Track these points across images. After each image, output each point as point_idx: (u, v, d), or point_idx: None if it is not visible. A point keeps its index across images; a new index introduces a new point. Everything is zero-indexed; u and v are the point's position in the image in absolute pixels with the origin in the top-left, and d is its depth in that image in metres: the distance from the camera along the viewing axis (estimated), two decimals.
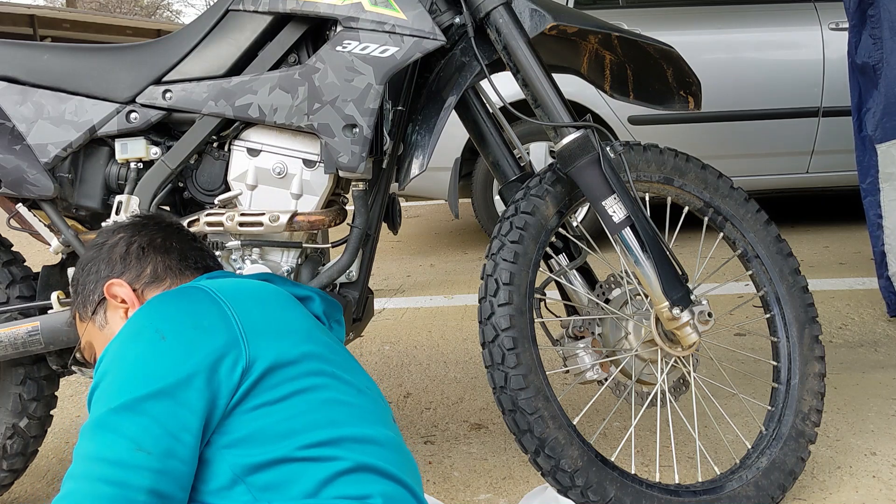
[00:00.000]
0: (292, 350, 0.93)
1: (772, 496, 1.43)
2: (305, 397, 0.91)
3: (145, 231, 1.11)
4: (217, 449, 0.88)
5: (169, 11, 24.08)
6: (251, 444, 0.87)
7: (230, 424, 0.88)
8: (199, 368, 0.87)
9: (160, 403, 0.85)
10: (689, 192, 1.53)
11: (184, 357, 0.88)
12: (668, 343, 1.42)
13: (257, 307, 0.96)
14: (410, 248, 4.51)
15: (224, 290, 0.96)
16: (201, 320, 0.91)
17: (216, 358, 0.88)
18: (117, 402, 0.86)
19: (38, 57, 1.45)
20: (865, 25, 2.28)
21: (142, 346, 0.90)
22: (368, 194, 1.44)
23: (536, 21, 1.40)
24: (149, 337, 0.90)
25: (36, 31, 11.71)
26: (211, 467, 0.88)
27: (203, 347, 0.89)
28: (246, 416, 0.88)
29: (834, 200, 5.00)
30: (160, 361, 0.88)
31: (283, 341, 0.94)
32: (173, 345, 0.89)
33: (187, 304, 0.94)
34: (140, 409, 0.85)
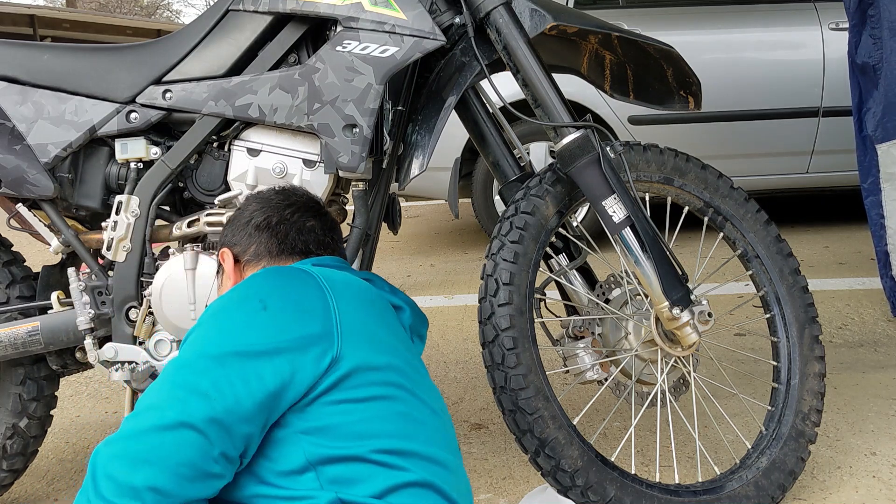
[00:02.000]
0: (378, 357, 0.97)
1: (772, 496, 1.43)
2: (384, 405, 0.95)
3: (268, 208, 1.16)
4: (294, 433, 0.91)
5: (169, 11, 24.07)
6: (330, 435, 0.91)
7: (312, 412, 0.91)
8: (286, 347, 0.91)
9: (239, 364, 0.90)
10: (689, 192, 1.53)
11: (276, 332, 0.92)
12: (668, 343, 1.42)
13: (358, 307, 1.01)
14: (410, 248, 4.51)
15: (332, 282, 1.01)
16: (304, 303, 0.96)
17: (307, 343, 0.92)
18: (205, 350, 0.92)
19: (38, 57, 1.45)
20: (865, 25, 2.28)
21: (243, 311, 0.96)
22: (368, 194, 1.44)
23: (536, 21, 1.40)
24: (252, 305, 0.95)
25: (36, 31, 11.71)
26: (284, 449, 0.91)
27: (297, 329, 0.93)
28: (328, 407, 0.91)
29: (834, 200, 5.00)
30: (254, 329, 0.93)
31: (372, 347, 0.98)
32: (271, 318, 0.94)
33: (296, 285, 0.98)
34: (221, 362, 0.90)
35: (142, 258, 1.43)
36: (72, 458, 1.92)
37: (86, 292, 1.46)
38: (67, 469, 1.86)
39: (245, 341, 0.92)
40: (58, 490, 1.76)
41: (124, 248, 1.43)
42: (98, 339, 1.45)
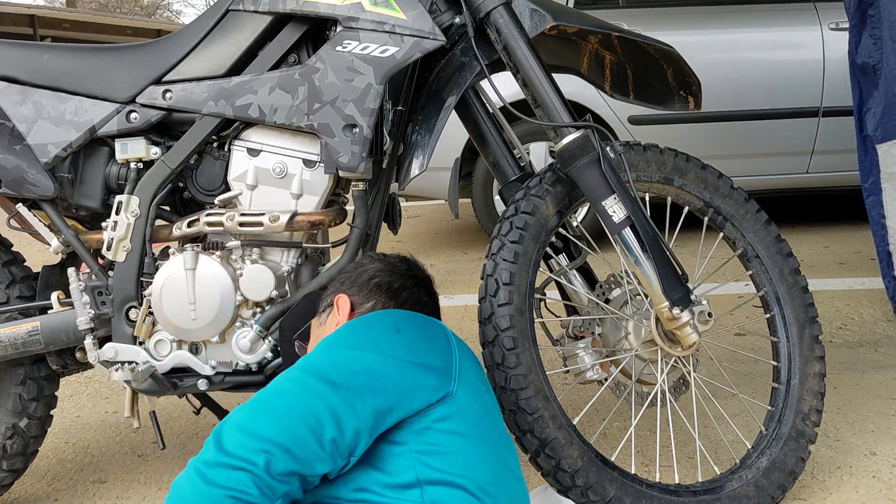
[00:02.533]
0: (477, 403, 1.09)
1: (772, 496, 1.43)
2: (480, 445, 1.06)
3: (393, 273, 1.27)
4: (410, 451, 1.00)
5: (169, 11, 24.08)
6: (441, 461, 1.00)
7: (429, 436, 1.02)
8: (410, 364, 1.03)
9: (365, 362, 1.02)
10: (689, 192, 1.53)
11: (404, 350, 1.04)
12: (668, 343, 1.42)
13: (465, 356, 1.14)
14: (410, 248, 4.51)
15: (450, 332, 1.16)
16: (431, 339, 1.09)
17: (428, 370, 1.04)
18: (336, 348, 1.04)
19: (38, 57, 1.45)
20: (866, 25, 2.28)
21: (379, 326, 1.08)
22: (368, 194, 1.44)
23: (536, 21, 1.40)
24: (388, 325, 1.09)
25: (36, 31, 11.71)
26: (397, 464, 1.00)
27: (423, 356, 1.05)
28: (443, 436, 1.02)
29: (834, 200, 5.00)
30: (386, 342, 1.05)
31: (473, 392, 1.10)
32: (403, 339, 1.06)
33: (426, 324, 1.13)
34: (351, 357, 1.02)
35: (142, 258, 1.43)
36: (72, 458, 1.92)
37: (86, 292, 1.46)
38: (67, 469, 1.86)
39: (375, 347, 1.03)
40: (58, 490, 1.76)
41: (124, 248, 1.43)
42: (98, 339, 1.45)
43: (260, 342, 1.40)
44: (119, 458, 1.90)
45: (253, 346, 1.40)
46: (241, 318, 1.42)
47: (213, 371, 1.44)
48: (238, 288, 1.40)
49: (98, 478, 1.80)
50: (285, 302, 1.40)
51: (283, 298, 1.41)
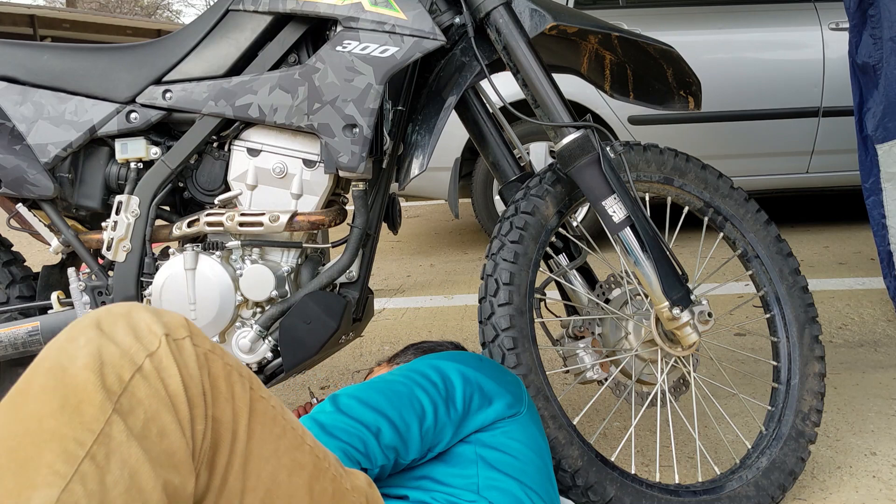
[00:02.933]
0: (535, 428, 1.20)
1: (772, 496, 1.43)
2: (533, 454, 1.15)
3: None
4: (474, 446, 1.11)
5: (169, 11, 24.08)
6: (499, 455, 1.10)
7: (493, 437, 1.12)
8: (495, 385, 1.15)
9: (458, 373, 1.14)
10: (689, 192, 1.53)
11: (491, 372, 1.17)
12: (668, 343, 1.42)
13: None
14: (410, 248, 4.51)
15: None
16: (507, 373, 1.23)
17: (505, 394, 1.15)
18: (436, 363, 1.16)
19: (38, 57, 1.45)
20: (866, 25, 2.28)
21: (469, 355, 1.21)
22: (368, 194, 1.44)
23: (536, 21, 1.40)
24: (474, 355, 1.22)
25: (36, 31, 11.72)
26: (460, 457, 1.10)
27: (503, 382, 1.17)
28: (505, 439, 1.12)
29: (834, 200, 5.01)
30: (473, 365, 1.17)
31: (534, 420, 1.21)
32: (489, 365, 1.20)
33: (498, 364, 1.25)
34: (449, 368, 1.15)
35: (142, 258, 1.43)
36: None
37: (86, 292, 1.46)
38: None
39: (467, 364, 1.16)
40: None
41: (124, 248, 1.43)
42: None
43: (260, 342, 1.40)
44: None
45: (253, 346, 1.40)
46: (241, 318, 1.42)
47: None
48: (238, 288, 1.40)
49: None
50: (285, 302, 1.40)
51: (283, 298, 1.41)
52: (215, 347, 0.78)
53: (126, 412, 0.67)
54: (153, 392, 0.69)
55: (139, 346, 0.70)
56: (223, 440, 0.75)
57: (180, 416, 0.70)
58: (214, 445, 0.74)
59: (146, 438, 0.67)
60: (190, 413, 0.71)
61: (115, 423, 0.66)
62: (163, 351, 0.72)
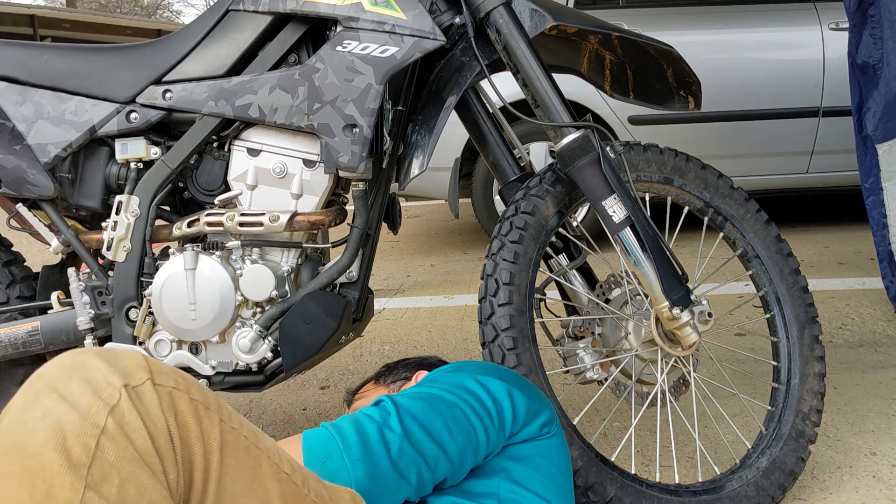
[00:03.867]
0: (562, 447, 1.20)
1: (772, 496, 1.43)
2: (558, 473, 1.16)
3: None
4: (499, 459, 1.12)
5: (169, 11, 24.09)
6: (522, 468, 1.11)
7: (518, 449, 1.13)
8: (534, 403, 1.15)
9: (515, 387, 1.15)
10: (689, 192, 1.53)
11: (529, 393, 1.16)
12: (668, 343, 1.42)
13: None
14: (410, 248, 4.51)
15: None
16: (538, 391, 1.21)
17: (539, 413, 1.15)
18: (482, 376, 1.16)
19: (38, 57, 1.45)
20: (866, 25, 2.28)
21: (502, 368, 1.21)
22: (368, 194, 1.44)
23: (536, 21, 1.40)
24: (511, 371, 1.21)
25: (36, 31, 11.73)
26: (484, 470, 1.11)
27: (541, 401, 1.17)
28: (531, 453, 1.12)
29: (834, 200, 5.01)
30: (516, 382, 1.17)
31: (563, 438, 1.21)
32: (527, 385, 1.18)
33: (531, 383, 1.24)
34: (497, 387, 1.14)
35: (142, 258, 1.43)
36: None
37: (86, 292, 1.46)
38: None
39: (510, 384, 1.14)
40: None
41: (124, 248, 1.43)
42: (98, 339, 1.45)
43: (260, 342, 1.40)
44: None
45: (253, 346, 1.40)
46: (241, 318, 1.42)
47: (213, 371, 1.44)
48: (238, 288, 1.40)
49: None
50: (285, 302, 1.40)
51: (283, 298, 1.41)
52: (179, 381, 0.76)
53: (99, 483, 0.65)
54: (122, 452, 0.67)
55: (99, 404, 0.68)
56: (196, 480, 0.73)
57: (153, 469, 0.69)
58: (188, 487, 0.73)
59: (126, 501, 0.66)
60: (161, 464, 0.70)
61: (91, 500, 0.64)
62: (124, 404, 0.69)
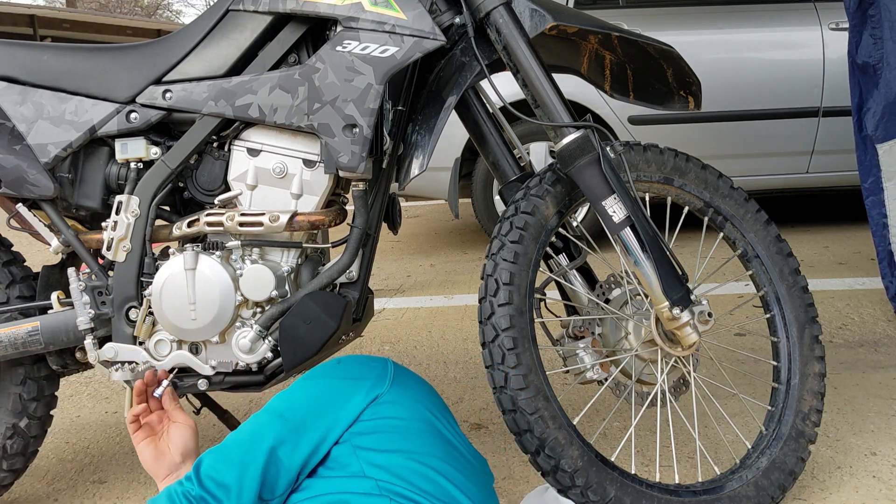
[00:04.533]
0: (409, 405, 1.23)
1: (772, 496, 1.43)
2: (408, 422, 1.18)
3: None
4: (350, 440, 1.15)
5: (169, 11, 24.10)
6: (374, 438, 1.14)
7: (363, 426, 1.17)
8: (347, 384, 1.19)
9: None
10: (689, 192, 1.53)
11: (348, 370, 1.21)
12: (668, 343, 1.42)
13: (409, 375, 1.30)
14: (410, 248, 4.51)
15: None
16: (369, 361, 1.25)
17: (364, 384, 1.18)
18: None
19: (38, 57, 1.45)
20: (866, 25, 2.28)
21: (327, 365, 1.26)
22: (368, 194, 1.44)
23: (536, 21, 1.40)
24: (332, 363, 1.26)
25: (36, 31, 11.73)
26: (341, 457, 1.15)
27: (359, 372, 1.21)
28: (375, 421, 1.16)
29: (834, 200, 5.01)
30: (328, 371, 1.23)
31: (408, 396, 1.24)
32: (349, 361, 1.25)
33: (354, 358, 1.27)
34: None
35: (142, 258, 1.43)
36: (72, 458, 1.92)
37: (86, 292, 1.46)
38: (67, 469, 1.86)
39: (310, 376, 1.19)
40: (58, 490, 1.76)
41: (124, 248, 1.43)
42: (98, 339, 1.45)
43: (260, 342, 1.41)
44: (119, 458, 1.90)
45: (253, 346, 1.40)
46: (241, 318, 1.42)
47: (212, 371, 1.44)
48: (238, 288, 1.40)
49: (98, 478, 1.80)
50: (285, 302, 1.40)
51: (283, 298, 1.41)
52: None
53: None
54: None
55: None
56: None
57: None
58: None
59: None
60: None
61: None
62: None
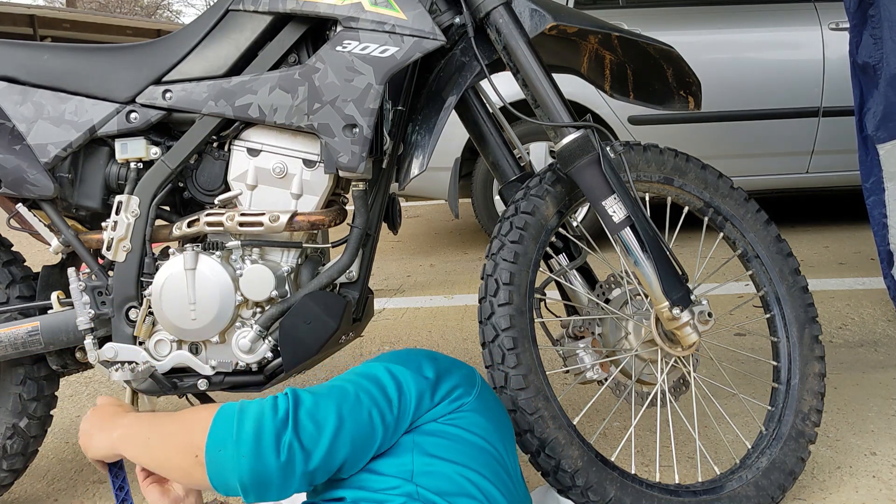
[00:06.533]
0: (484, 417, 1.18)
1: (772, 496, 1.43)
2: (476, 438, 1.14)
3: None
4: (415, 434, 1.11)
5: (169, 11, 24.11)
6: (437, 441, 1.11)
7: (430, 427, 1.12)
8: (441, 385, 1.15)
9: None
10: (689, 192, 1.53)
11: (446, 368, 1.16)
12: (668, 343, 1.42)
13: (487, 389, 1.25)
14: (410, 248, 4.51)
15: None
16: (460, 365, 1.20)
17: (456, 388, 1.14)
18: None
19: (38, 57, 1.45)
20: (866, 25, 2.28)
21: (426, 356, 1.20)
22: (368, 194, 1.44)
23: (536, 21, 1.40)
24: (429, 356, 1.20)
25: (36, 31, 11.73)
26: (399, 447, 1.12)
27: (452, 375, 1.16)
28: (446, 426, 1.12)
29: (834, 200, 5.01)
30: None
31: (485, 407, 1.19)
32: (445, 359, 1.19)
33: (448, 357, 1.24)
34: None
35: (142, 258, 1.43)
36: (72, 458, 1.92)
37: (86, 292, 1.46)
38: (67, 469, 1.86)
39: (417, 365, 1.14)
40: (58, 490, 1.76)
41: (124, 248, 1.43)
42: (98, 339, 1.45)
43: (260, 342, 1.41)
44: None
45: (253, 346, 1.40)
46: (241, 318, 1.42)
47: (212, 371, 1.44)
48: (238, 288, 1.40)
49: (98, 478, 1.80)
50: (285, 302, 1.40)
51: (283, 298, 1.41)
52: None
53: None
54: None
55: None
56: None
57: None
58: None
59: None
60: None
61: None
62: None
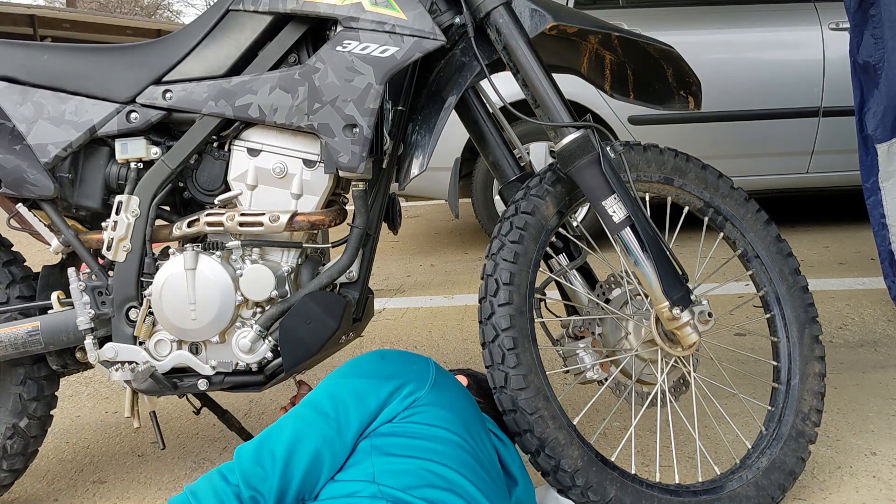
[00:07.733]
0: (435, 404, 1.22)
1: (772, 496, 1.43)
2: (438, 430, 1.17)
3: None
4: (372, 437, 1.15)
5: (169, 11, 24.11)
6: (395, 441, 1.13)
7: (388, 427, 1.16)
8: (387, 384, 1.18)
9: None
10: (689, 192, 1.53)
11: (391, 369, 1.20)
12: (669, 343, 1.42)
13: (447, 378, 1.28)
14: (410, 248, 4.51)
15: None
16: (412, 362, 1.25)
17: (405, 387, 1.18)
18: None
19: (38, 57, 1.45)
20: (867, 25, 2.28)
21: (370, 359, 1.25)
22: (368, 194, 1.44)
23: (536, 21, 1.40)
24: (377, 356, 1.26)
25: (36, 31, 11.73)
26: (358, 454, 1.16)
27: (401, 374, 1.20)
28: (402, 425, 1.15)
29: (834, 200, 5.01)
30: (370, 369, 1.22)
31: (445, 400, 1.24)
32: (395, 357, 1.25)
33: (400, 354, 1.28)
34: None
35: (142, 258, 1.43)
36: (72, 458, 1.92)
37: (86, 292, 1.46)
38: (67, 469, 1.86)
39: (357, 374, 1.18)
40: (58, 490, 1.76)
41: (124, 248, 1.43)
42: (98, 339, 1.45)
43: (260, 342, 1.41)
44: (119, 458, 1.90)
45: (253, 346, 1.40)
46: (241, 318, 1.42)
47: (213, 371, 1.44)
48: (238, 288, 1.40)
49: (98, 478, 1.80)
50: (285, 302, 1.40)
51: (283, 298, 1.41)
52: None
53: None
54: None
55: None
56: None
57: None
58: None
59: None
60: None
61: None
62: None
